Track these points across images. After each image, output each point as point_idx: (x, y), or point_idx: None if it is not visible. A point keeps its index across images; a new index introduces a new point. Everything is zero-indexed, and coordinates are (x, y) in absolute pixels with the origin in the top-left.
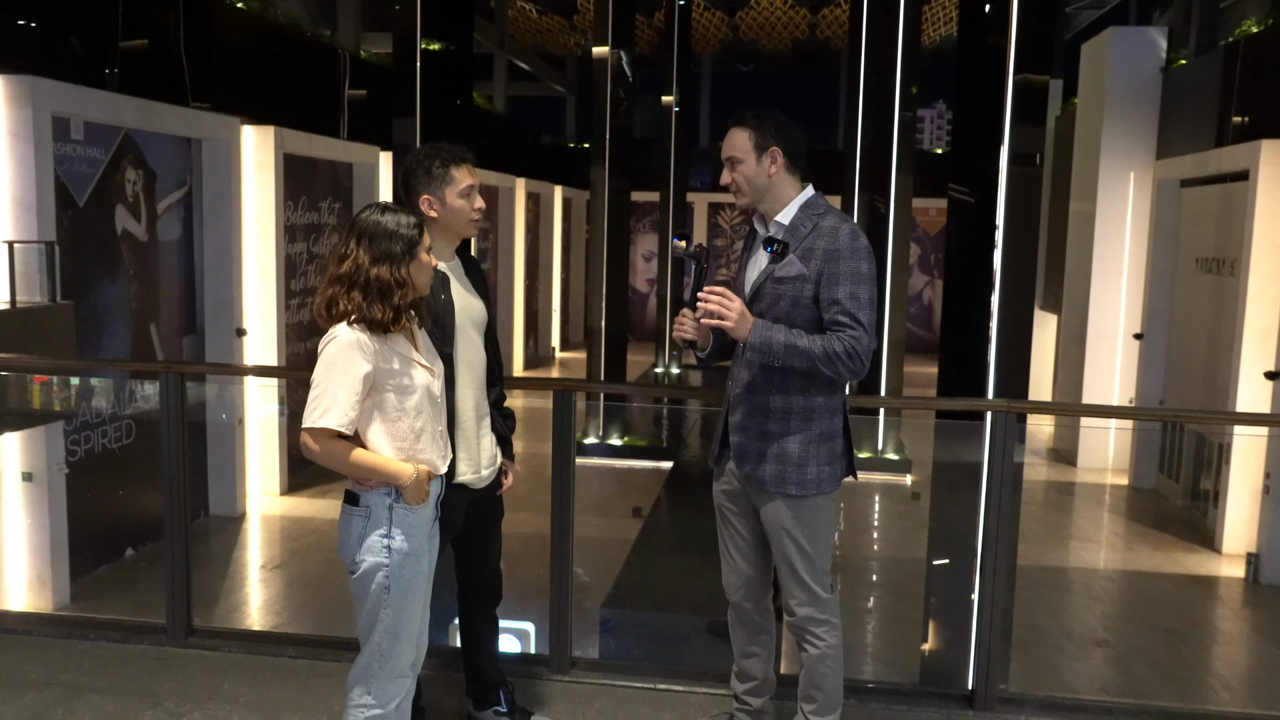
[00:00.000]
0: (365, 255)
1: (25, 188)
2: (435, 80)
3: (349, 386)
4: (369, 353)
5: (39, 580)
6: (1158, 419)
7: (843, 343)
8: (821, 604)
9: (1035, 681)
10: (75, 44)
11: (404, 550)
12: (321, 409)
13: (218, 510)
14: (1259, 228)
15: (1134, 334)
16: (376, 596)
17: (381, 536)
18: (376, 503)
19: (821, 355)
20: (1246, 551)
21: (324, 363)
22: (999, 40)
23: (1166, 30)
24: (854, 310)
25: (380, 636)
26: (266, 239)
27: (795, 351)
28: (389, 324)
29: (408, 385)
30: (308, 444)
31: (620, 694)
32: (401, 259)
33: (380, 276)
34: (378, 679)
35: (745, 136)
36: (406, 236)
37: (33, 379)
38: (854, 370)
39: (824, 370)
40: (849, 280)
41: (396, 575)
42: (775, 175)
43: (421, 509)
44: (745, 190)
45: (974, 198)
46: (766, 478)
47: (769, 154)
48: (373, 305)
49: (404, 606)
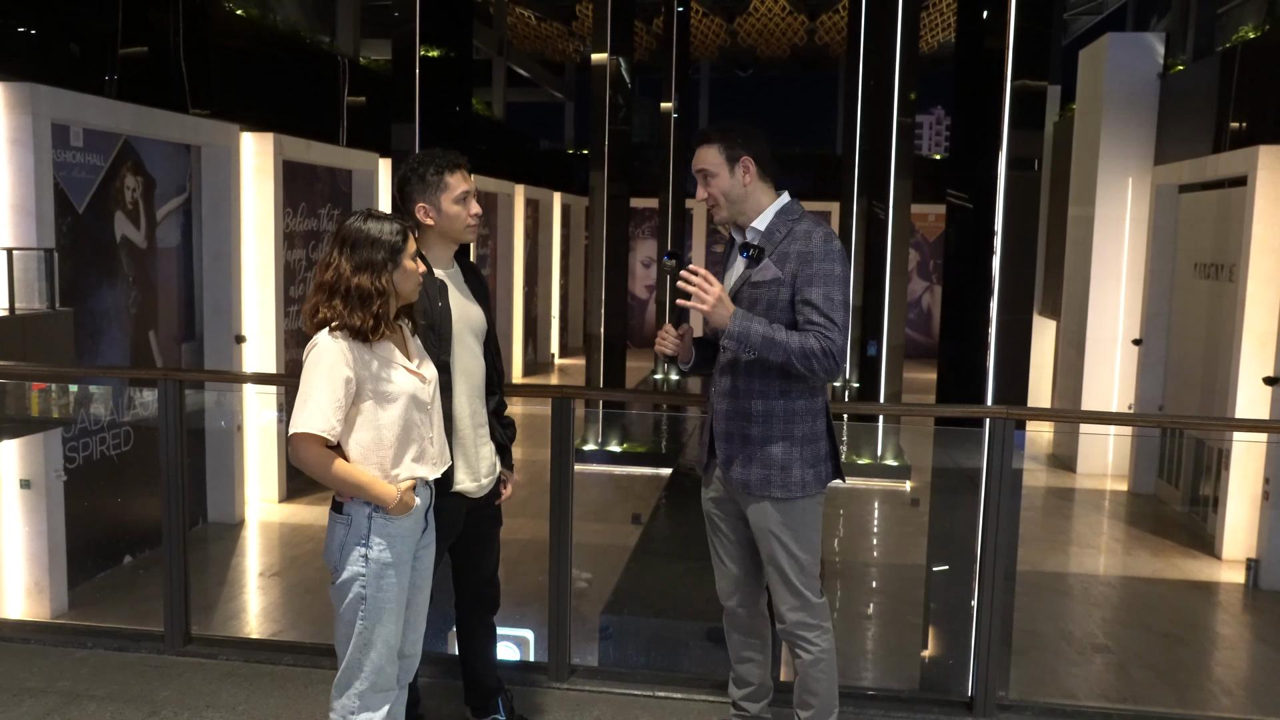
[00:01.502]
0: (346, 264)
1: (24, 194)
2: (434, 86)
3: (330, 392)
4: (350, 360)
5: (37, 588)
6: (1157, 425)
7: (819, 341)
8: (812, 609)
9: (1035, 687)
10: (74, 51)
11: (382, 561)
12: (305, 415)
13: (216, 517)
14: (1257, 233)
15: (1133, 339)
16: (353, 607)
17: (360, 546)
18: (357, 511)
19: (798, 351)
20: (1246, 557)
21: (306, 370)
22: (997, 46)
23: (1164, 36)
24: (828, 311)
25: (357, 650)
26: (265, 245)
27: (772, 344)
28: (369, 332)
29: (389, 393)
30: (293, 449)
31: (619, 701)
32: (383, 267)
33: (360, 285)
34: (359, 692)
35: (715, 151)
36: (389, 244)
37: (31, 386)
38: (828, 369)
39: (798, 366)
40: (822, 282)
41: (374, 586)
42: (750, 184)
43: (403, 519)
44: (722, 203)
45: (973, 203)
46: (752, 481)
47: (741, 164)
48: (353, 313)
49: (380, 618)
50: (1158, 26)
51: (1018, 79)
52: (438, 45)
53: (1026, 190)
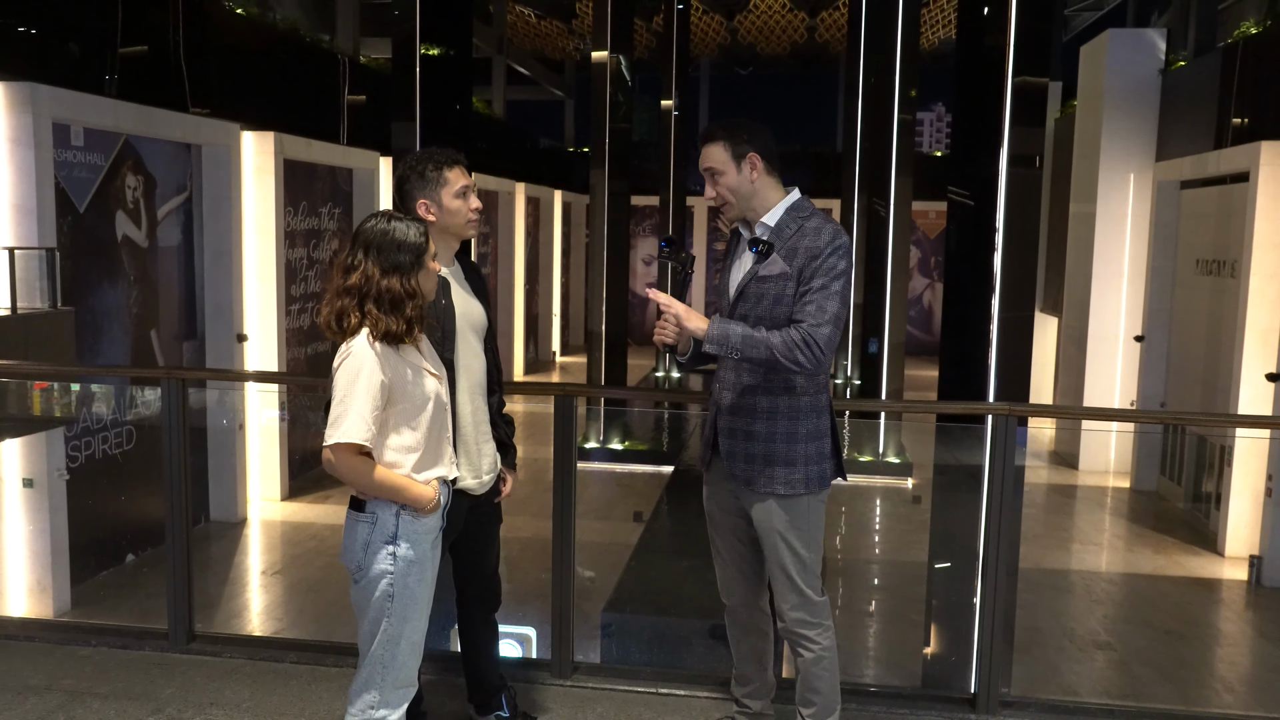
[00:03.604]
0: (374, 267)
1: (25, 194)
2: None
3: (369, 400)
4: (385, 365)
5: (40, 586)
6: (1159, 421)
7: (800, 331)
8: (813, 607)
9: (1037, 684)
10: (74, 50)
11: (409, 559)
12: (344, 425)
13: (219, 515)
14: (1259, 229)
15: (1134, 336)
16: (379, 605)
17: (387, 545)
18: (383, 510)
19: (780, 344)
20: (1249, 554)
21: (344, 378)
22: (998, 42)
23: (1165, 32)
24: (822, 301)
25: (382, 647)
26: (266, 244)
27: (752, 341)
28: (403, 335)
29: (421, 396)
30: (330, 461)
31: (622, 698)
32: (411, 269)
33: (391, 288)
34: (380, 690)
35: (720, 148)
36: (414, 245)
37: (33, 385)
38: (813, 359)
39: (783, 359)
40: (824, 274)
41: (401, 584)
42: (758, 180)
43: (428, 518)
44: (731, 200)
45: (974, 200)
46: (756, 478)
47: (747, 160)
48: (388, 317)
49: (407, 616)
50: (1159, 22)
51: (1018, 75)
52: (438, 43)
53: (1028, 187)
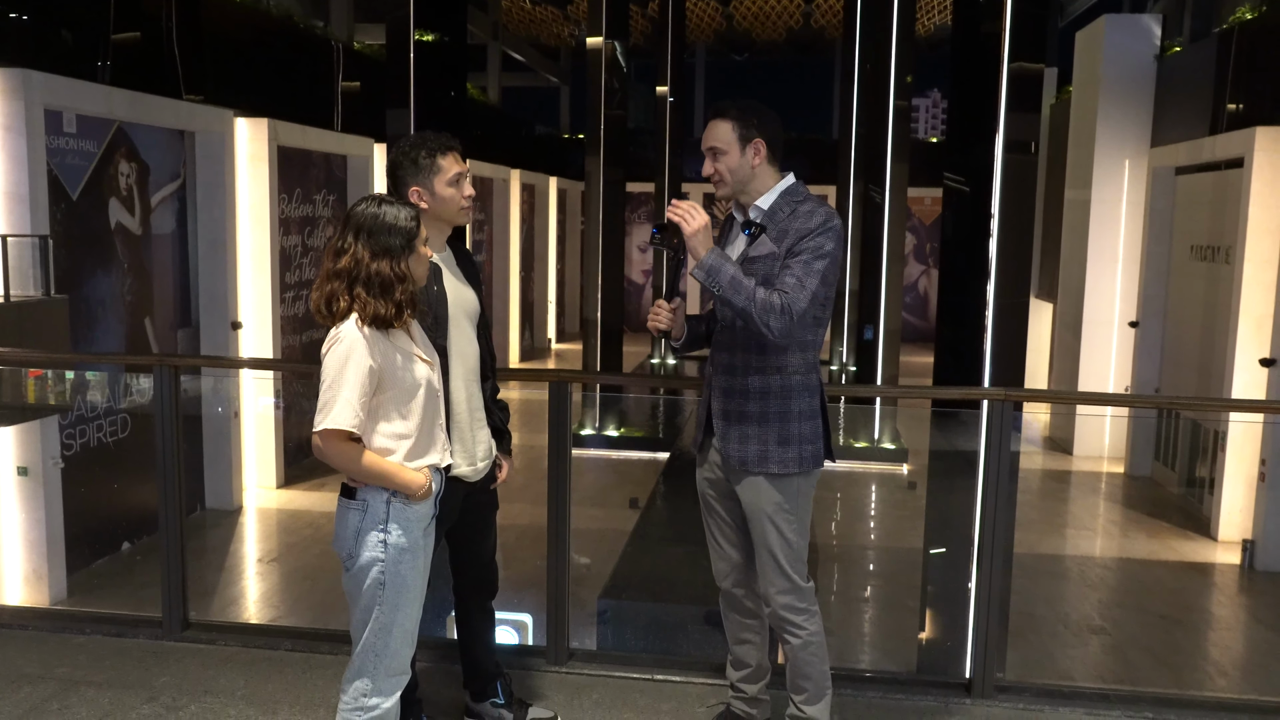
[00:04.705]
0: (364, 250)
1: (18, 181)
2: (429, 71)
3: (357, 385)
4: (374, 350)
5: (35, 574)
6: (1153, 406)
7: (780, 297)
8: (800, 592)
9: (1032, 669)
10: (67, 37)
11: (401, 546)
12: (332, 411)
13: (214, 504)
14: (1254, 214)
15: (1129, 322)
16: (371, 593)
17: (379, 532)
18: (374, 497)
19: (761, 301)
20: (1242, 538)
21: (332, 362)
22: (993, 28)
23: (1161, 17)
24: (803, 276)
25: (374, 635)
26: (261, 232)
27: (738, 286)
28: (393, 319)
29: (411, 382)
30: (319, 447)
31: (617, 684)
32: (401, 253)
33: (381, 271)
34: (373, 678)
35: (729, 128)
36: (405, 229)
37: (27, 373)
38: (782, 327)
39: (756, 317)
40: (810, 252)
41: (392, 571)
42: (758, 166)
43: (420, 504)
44: (728, 181)
45: (969, 186)
46: (749, 457)
47: (753, 145)
48: (376, 301)
49: (399, 603)
50: (1154, 8)
51: (1014, 61)
52: (432, 30)
53: (1023, 173)
